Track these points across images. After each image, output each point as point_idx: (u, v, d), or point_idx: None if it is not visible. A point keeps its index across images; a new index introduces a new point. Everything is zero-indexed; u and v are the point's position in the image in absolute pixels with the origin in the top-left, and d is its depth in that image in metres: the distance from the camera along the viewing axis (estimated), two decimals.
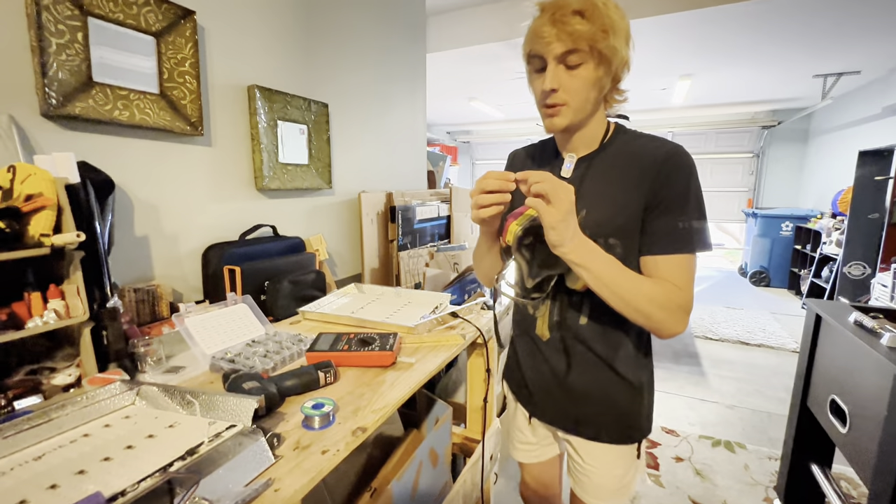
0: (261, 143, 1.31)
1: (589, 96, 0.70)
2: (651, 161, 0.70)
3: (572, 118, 0.72)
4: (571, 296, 0.78)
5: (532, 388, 0.90)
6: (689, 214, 0.69)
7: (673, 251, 0.69)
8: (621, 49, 0.67)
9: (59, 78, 0.87)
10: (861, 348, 1.18)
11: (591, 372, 0.80)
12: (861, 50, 3.52)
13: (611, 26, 0.65)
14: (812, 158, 5.81)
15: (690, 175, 0.70)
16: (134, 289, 1.00)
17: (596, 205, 0.74)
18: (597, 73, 0.68)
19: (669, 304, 0.67)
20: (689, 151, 0.72)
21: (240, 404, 0.60)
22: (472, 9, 3.43)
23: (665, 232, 0.69)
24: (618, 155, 0.75)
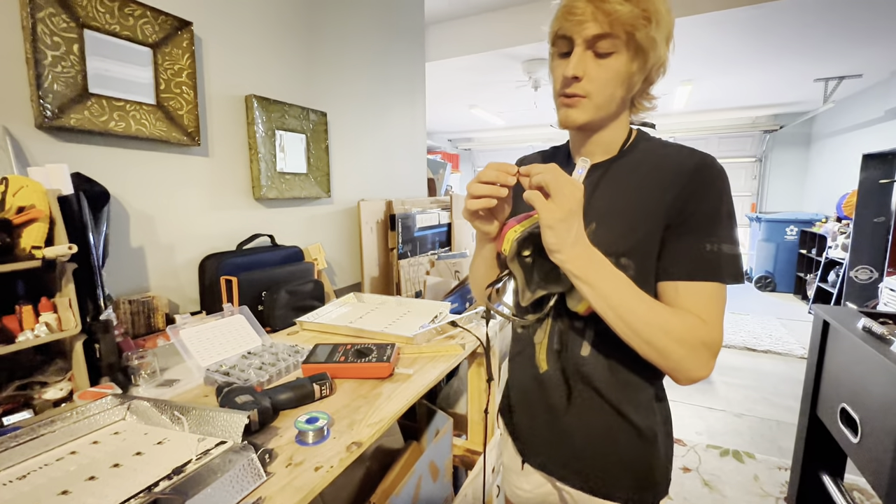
0: (259, 152, 1.31)
1: (615, 93, 0.61)
2: (677, 172, 0.60)
3: (592, 114, 0.62)
4: (574, 320, 0.66)
5: (525, 428, 0.76)
6: (721, 236, 0.58)
7: (699, 278, 0.57)
8: (661, 45, 0.58)
9: (55, 90, 0.87)
10: (871, 355, 1.15)
11: (594, 414, 0.67)
12: (862, 53, 3.51)
13: (655, 14, 0.56)
14: (815, 162, 5.78)
15: (723, 191, 0.59)
16: (129, 300, 0.99)
17: (608, 218, 0.63)
18: (629, 67, 0.59)
19: (691, 339, 0.55)
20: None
21: (231, 420, 0.59)
22: (470, 18, 3.45)
23: (690, 254, 0.58)
24: (639, 164, 0.64)
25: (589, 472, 0.68)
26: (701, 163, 0.60)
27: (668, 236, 0.60)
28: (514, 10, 3.28)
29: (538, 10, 3.21)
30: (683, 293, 0.58)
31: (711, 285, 0.57)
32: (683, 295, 0.58)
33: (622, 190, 0.64)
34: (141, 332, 1.02)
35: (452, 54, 3.56)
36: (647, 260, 0.61)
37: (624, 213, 0.62)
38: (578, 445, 0.69)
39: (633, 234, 0.61)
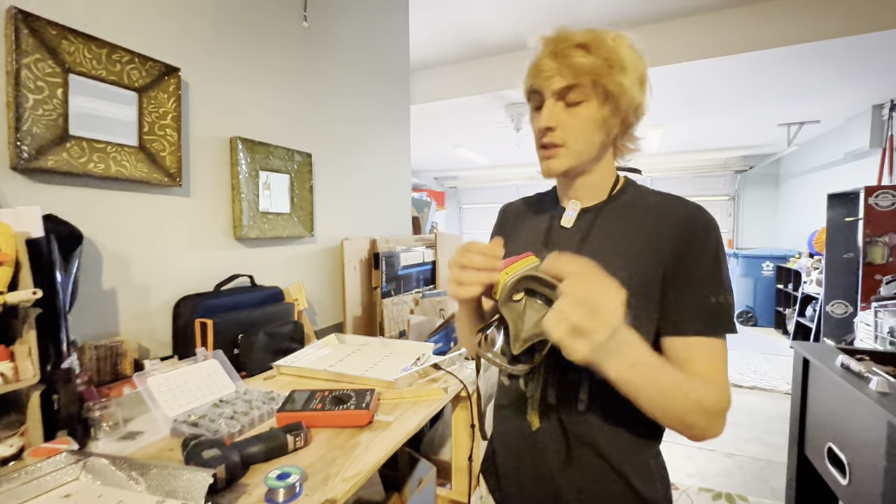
0: (241, 192, 1.31)
1: (592, 138, 0.62)
2: (672, 220, 0.60)
3: (572, 162, 0.63)
4: (569, 372, 0.62)
5: (513, 493, 0.69)
6: (722, 288, 0.58)
7: (709, 332, 0.57)
8: (631, 88, 0.60)
9: (34, 132, 0.86)
10: (851, 393, 1.16)
11: (593, 478, 0.62)
12: (819, 101, 3.78)
13: (618, 62, 0.59)
14: (784, 200, 6.05)
15: (718, 240, 0.60)
16: (95, 345, 0.95)
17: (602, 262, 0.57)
18: (601, 113, 0.61)
19: (717, 409, 0.54)
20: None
21: (193, 479, 0.55)
22: (454, 65, 3.62)
23: (697, 307, 0.57)
24: (632, 208, 0.64)
25: None
26: (696, 212, 0.60)
27: (670, 287, 0.59)
28: (498, 58, 3.47)
29: (520, 58, 3.39)
30: (695, 351, 0.57)
31: (718, 341, 0.58)
32: (696, 352, 0.57)
33: (616, 234, 0.63)
34: (106, 380, 0.97)
35: (437, 98, 3.71)
36: (641, 305, 0.59)
37: (618, 257, 0.61)
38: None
39: (629, 282, 0.55)
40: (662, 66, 2.98)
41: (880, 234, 3.09)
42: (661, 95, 3.60)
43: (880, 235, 3.09)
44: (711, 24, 2.83)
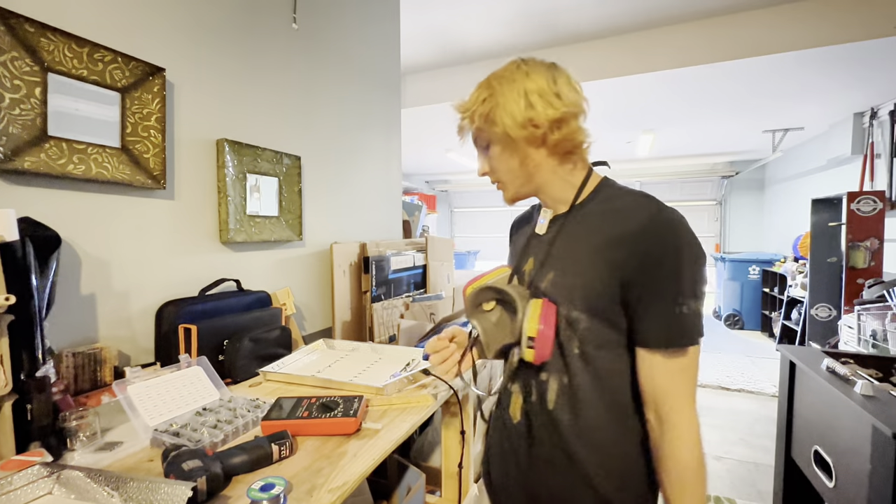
0: (228, 195, 1.29)
1: (512, 168, 0.68)
2: (624, 229, 0.61)
3: (515, 192, 0.71)
4: (539, 374, 0.66)
5: (499, 485, 0.75)
6: (684, 295, 0.57)
7: (673, 345, 0.58)
8: (510, 122, 0.63)
9: (10, 132, 0.83)
10: (836, 397, 1.17)
11: (559, 474, 0.65)
12: (802, 108, 3.86)
13: (486, 111, 0.65)
14: (770, 205, 6.16)
15: (681, 243, 0.58)
16: (73, 353, 0.92)
17: (563, 269, 0.65)
18: (503, 148, 0.67)
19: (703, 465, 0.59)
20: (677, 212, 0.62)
21: (172, 492, 0.53)
22: (444, 69, 3.63)
23: (662, 320, 0.58)
24: (593, 216, 0.66)
25: None
26: (657, 217, 0.60)
27: (633, 296, 0.60)
28: (488, 62, 3.48)
29: None
30: (660, 369, 0.60)
31: (685, 357, 0.59)
32: (659, 371, 0.60)
33: (574, 242, 0.66)
34: (85, 388, 0.94)
35: (428, 102, 3.71)
36: (599, 316, 0.62)
37: (575, 264, 0.64)
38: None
39: (587, 287, 0.62)
40: (651, 73, 3.02)
41: (862, 238, 3.16)
42: (651, 101, 3.65)
43: (862, 240, 3.15)
44: (698, 32, 2.88)
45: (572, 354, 0.63)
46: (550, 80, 0.64)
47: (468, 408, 1.16)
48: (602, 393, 0.63)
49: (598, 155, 0.71)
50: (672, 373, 0.59)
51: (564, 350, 0.64)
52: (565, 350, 0.64)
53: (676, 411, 0.59)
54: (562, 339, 0.64)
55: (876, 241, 3.13)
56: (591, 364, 0.63)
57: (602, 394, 0.63)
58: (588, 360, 0.63)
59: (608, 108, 3.87)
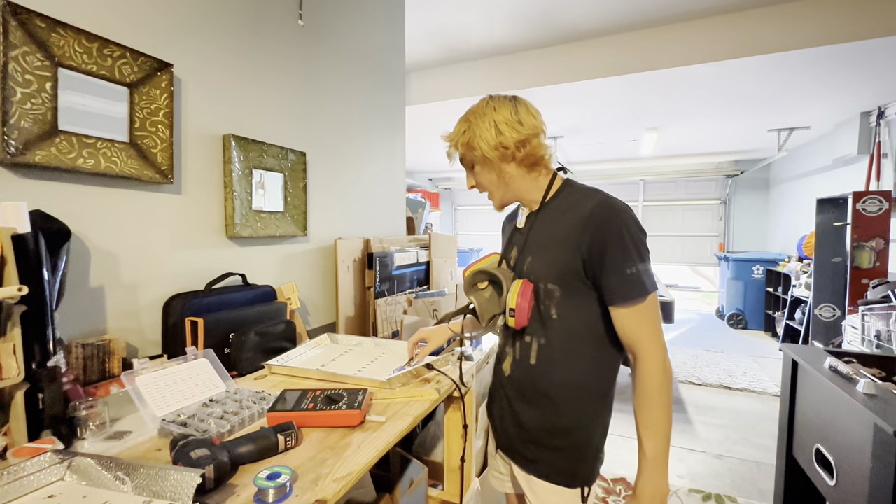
0: (234, 190, 1.30)
1: (493, 181, 0.88)
2: (578, 218, 0.79)
3: (500, 199, 0.91)
4: (524, 336, 0.87)
5: (495, 418, 0.98)
6: (632, 259, 0.75)
7: (630, 299, 0.76)
8: (485, 146, 0.83)
9: (21, 126, 0.85)
10: (839, 395, 1.17)
11: (538, 410, 0.86)
12: (808, 108, 3.84)
13: (466, 140, 0.85)
14: (775, 205, 6.12)
15: (620, 223, 0.76)
16: (82, 344, 0.93)
17: (538, 254, 0.85)
18: (484, 167, 0.87)
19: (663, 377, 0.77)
20: (619, 200, 0.80)
21: (181, 479, 0.54)
22: (448, 66, 3.63)
23: (618, 282, 0.76)
24: (557, 209, 0.86)
25: (533, 458, 0.87)
26: (594, 207, 0.78)
27: (595, 269, 0.78)
28: (493, 59, 3.48)
29: (514, 60, 3.41)
30: (627, 319, 0.78)
31: (642, 305, 0.76)
32: (627, 321, 0.78)
33: (546, 233, 0.85)
34: (93, 379, 0.95)
35: (432, 99, 3.71)
36: (568, 285, 0.81)
37: (548, 248, 0.84)
38: (527, 435, 0.88)
39: (556, 265, 0.81)
40: (656, 71, 3.01)
41: (867, 238, 3.14)
42: (655, 99, 3.64)
43: (868, 240, 3.14)
44: (703, 30, 2.87)
45: (550, 319, 0.83)
46: (513, 111, 0.83)
47: (471, 403, 1.17)
48: (572, 345, 0.83)
49: (601, 153, 0.85)
50: (636, 320, 0.77)
51: (543, 316, 0.83)
52: (544, 316, 0.83)
53: (645, 347, 0.77)
54: (541, 307, 0.83)
55: (881, 241, 3.12)
56: (564, 323, 0.82)
57: (571, 346, 0.83)
58: (562, 320, 0.82)
59: (612, 107, 3.86)
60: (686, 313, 6.41)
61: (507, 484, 1.03)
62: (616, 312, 0.78)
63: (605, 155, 6.01)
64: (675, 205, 6.90)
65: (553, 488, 0.85)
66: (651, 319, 0.77)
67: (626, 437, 2.53)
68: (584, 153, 5.86)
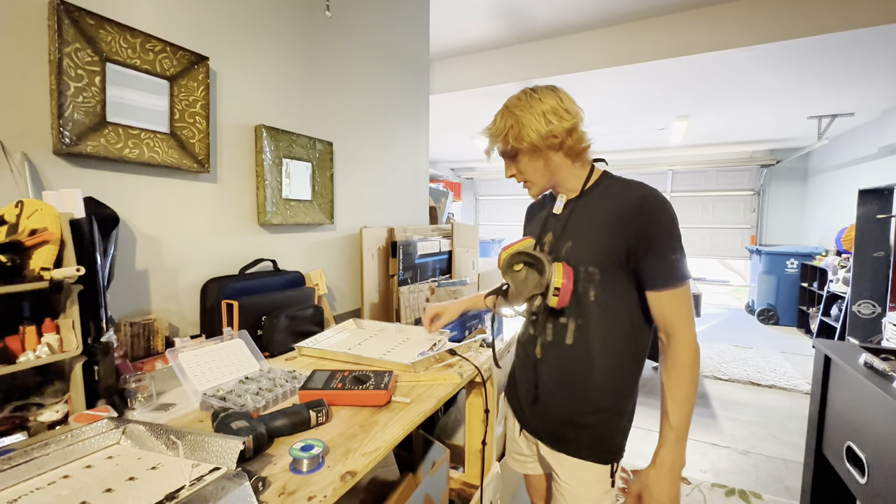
0: (265, 179, 1.35)
1: (536, 168, 0.90)
2: (628, 205, 0.82)
3: (539, 187, 0.93)
4: (559, 318, 0.89)
5: (522, 401, 1.00)
6: (675, 247, 0.80)
7: (673, 283, 0.80)
8: (535, 137, 0.84)
9: (75, 118, 0.91)
10: (873, 392, 1.14)
11: (571, 391, 0.89)
12: (853, 92, 3.63)
13: (516, 133, 0.85)
14: (812, 196, 5.84)
15: (668, 215, 0.81)
16: (130, 322, 1.00)
17: (579, 238, 0.87)
18: (530, 155, 0.88)
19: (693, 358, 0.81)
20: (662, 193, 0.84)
21: (226, 446, 0.59)
22: (473, 55, 3.60)
23: (662, 268, 0.80)
24: (598, 198, 0.88)
25: (565, 437, 0.90)
26: (645, 196, 0.82)
27: (639, 255, 0.81)
28: (517, 47, 3.43)
29: (538, 48, 3.35)
30: (667, 302, 0.82)
31: (681, 289, 0.81)
32: (667, 303, 0.82)
33: (588, 219, 0.88)
34: (140, 355, 1.02)
35: (456, 88, 3.69)
36: (607, 269, 0.84)
37: (590, 234, 0.86)
38: (558, 414, 0.91)
39: (599, 250, 0.84)
40: (687, 56, 2.90)
41: None
42: (686, 86, 3.51)
43: None
44: (737, 13, 2.74)
45: (589, 301, 0.85)
46: (558, 100, 0.85)
47: (492, 388, 1.19)
48: (608, 326, 0.86)
49: (627, 142, 0.84)
50: (675, 302, 0.81)
51: (582, 299, 0.86)
52: (582, 299, 0.86)
53: (680, 327, 0.81)
54: (580, 290, 0.85)
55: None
56: (601, 306, 0.85)
57: (608, 327, 0.86)
58: (600, 303, 0.85)
59: (640, 94, 3.75)
60: (714, 308, 6.23)
61: (529, 465, 1.06)
62: (657, 295, 0.82)
63: (632, 144, 5.85)
64: (704, 196, 6.67)
65: (585, 465, 0.88)
66: (687, 303, 0.82)
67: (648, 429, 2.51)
68: (609, 142, 5.72)
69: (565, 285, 0.82)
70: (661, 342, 0.85)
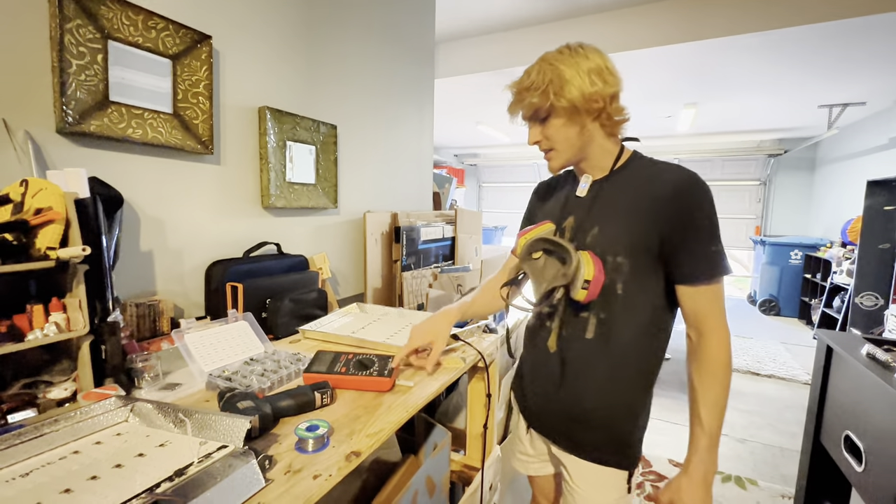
0: (269, 162, 1.34)
1: (568, 136, 0.78)
2: (666, 189, 0.74)
3: (564, 158, 0.81)
4: (579, 311, 0.81)
5: (532, 399, 0.92)
6: (716, 239, 0.73)
7: (712, 277, 0.73)
8: (578, 96, 0.74)
9: (77, 97, 0.90)
10: (874, 383, 1.14)
11: (589, 388, 0.82)
12: (866, 81, 3.56)
13: (557, 88, 0.74)
14: (819, 187, 5.79)
15: (709, 202, 0.73)
16: (136, 303, 1.01)
17: (606, 224, 0.79)
18: (563, 118, 0.77)
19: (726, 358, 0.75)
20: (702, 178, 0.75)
21: (233, 424, 0.59)
22: (480, 37, 3.53)
23: (701, 260, 0.73)
24: (630, 179, 0.79)
25: (580, 439, 0.84)
26: (687, 179, 0.74)
27: (677, 246, 0.73)
28: (524, 30, 3.36)
29: (546, 30, 3.29)
30: (702, 297, 0.74)
31: (718, 285, 0.74)
32: (701, 298, 0.74)
33: (617, 202, 0.79)
34: (145, 336, 1.03)
35: (461, 72, 3.63)
36: (637, 258, 0.76)
37: (619, 219, 0.77)
38: (573, 415, 0.83)
39: (627, 237, 0.76)
40: (695, 42, 2.84)
41: None
42: (694, 73, 3.45)
43: None
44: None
45: (615, 294, 0.77)
46: (604, 60, 0.75)
47: (495, 373, 1.20)
48: (630, 321, 0.78)
49: (634, 130, 0.80)
50: (711, 298, 0.74)
51: (607, 292, 0.77)
52: (608, 290, 0.77)
53: (714, 324, 0.74)
54: (606, 282, 0.76)
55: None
56: (627, 299, 0.77)
57: (630, 321, 0.78)
58: (626, 296, 0.77)
59: (648, 81, 3.68)
60: None
61: (533, 465, 1.00)
62: (690, 290, 0.74)
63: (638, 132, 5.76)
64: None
65: (600, 469, 0.82)
66: (722, 299, 0.75)
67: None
68: None
69: (597, 278, 0.73)
70: (690, 340, 0.78)
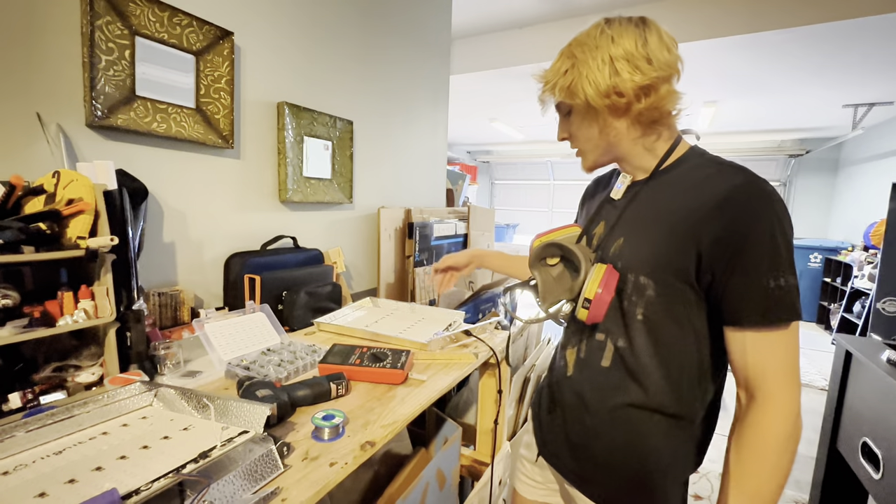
0: (287, 157, 1.36)
1: (591, 138, 0.67)
2: (716, 195, 0.57)
3: (595, 159, 0.70)
4: (595, 333, 0.68)
5: (545, 425, 0.80)
6: (780, 269, 0.54)
7: (771, 322, 0.54)
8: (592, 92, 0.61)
9: (106, 91, 0.92)
10: (895, 389, 1.12)
11: (605, 425, 0.67)
12: (892, 81, 3.45)
13: (567, 83, 0.63)
14: (842, 189, 5.64)
15: (774, 215, 0.54)
16: (158, 293, 1.04)
17: (633, 234, 0.66)
18: (585, 114, 0.66)
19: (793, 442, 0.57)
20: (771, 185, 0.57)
21: (253, 411, 0.61)
22: (496, 34, 3.51)
23: (753, 295, 0.54)
24: (677, 182, 0.64)
25: (594, 481, 0.70)
26: (745, 186, 0.56)
27: (719, 272, 0.56)
28: (539, 27, 3.34)
29: (561, 28, 3.26)
30: (757, 346, 0.56)
31: (782, 332, 0.55)
32: (756, 349, 0.56)
33: (650, 211, 0.65)
34: (167, 324, 1.06)
35: (477, 68, 3.63)
36: (666, 284, 0.60)
37: (648, 229, 0.64)
38: (586, 452, 0.71)
39: (655, 257, 0.61)
40: (715, 39, 2.78)
41: None
42: (714, 71, 3.39)
43: None
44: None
45: (634, 320, 0.63)
46: (640, 43, 0.59)
47: (506, 370, 1.21)
48: (662, 359, 0.62)
49: None
50: (770, 349, 0.55)
51: (626, 314, 0.64)
52: (627, 314, 0.64)
53: (774, 387, 0.56)
54: (624, 303, 0.64)
55: None
56: (653, 332, 0.62)
57: (661, 360, 0.63)
58: (651, 327, 0.62)
59: None
60: None
61: (540, 492, 0.88)
62: (740, 335, 0.57)
63: None
64: None
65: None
66: (791, 352, 0.56)
67: None
68: None
69: (599, 297, 0.61)
70: (738, 401, 0.61)
